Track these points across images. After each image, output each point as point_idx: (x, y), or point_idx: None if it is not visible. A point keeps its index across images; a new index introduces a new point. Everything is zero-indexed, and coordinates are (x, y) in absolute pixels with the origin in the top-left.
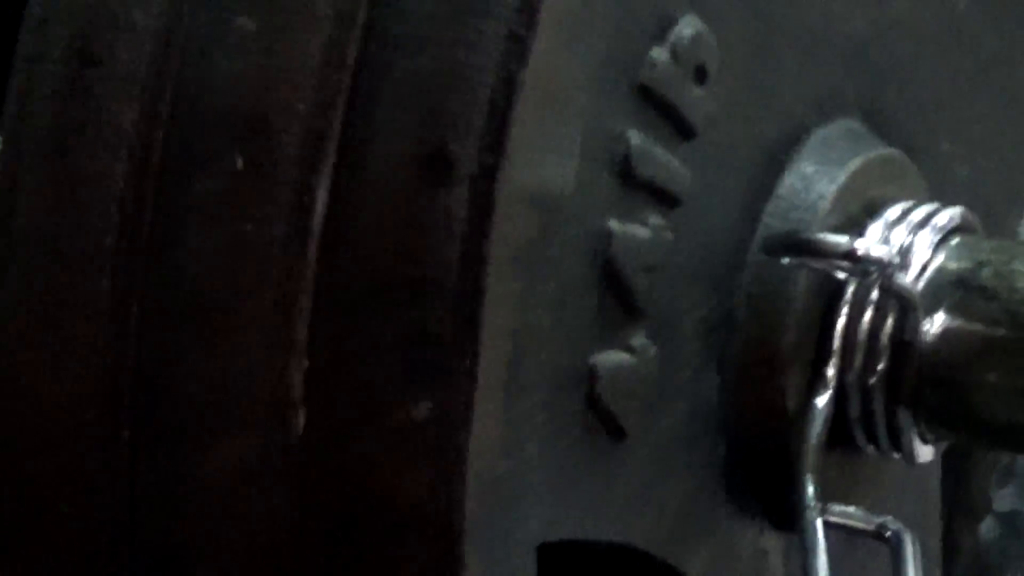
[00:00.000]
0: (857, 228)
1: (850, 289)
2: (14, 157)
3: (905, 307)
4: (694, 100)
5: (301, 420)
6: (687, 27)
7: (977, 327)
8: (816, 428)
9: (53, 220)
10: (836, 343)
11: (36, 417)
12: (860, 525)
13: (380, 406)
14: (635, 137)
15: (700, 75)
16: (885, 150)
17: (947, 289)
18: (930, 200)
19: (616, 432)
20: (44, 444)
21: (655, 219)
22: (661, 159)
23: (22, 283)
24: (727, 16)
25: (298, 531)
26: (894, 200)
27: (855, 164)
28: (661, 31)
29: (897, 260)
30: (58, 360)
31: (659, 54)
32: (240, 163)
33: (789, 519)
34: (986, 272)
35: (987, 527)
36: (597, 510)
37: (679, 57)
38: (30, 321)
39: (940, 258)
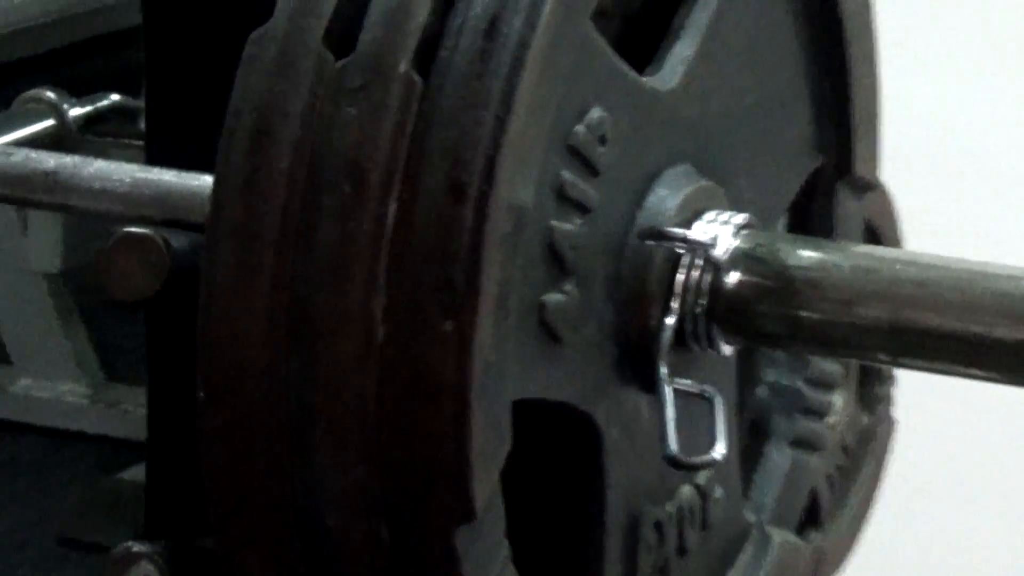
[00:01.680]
0: (689, 225)
1: (685, 259)
2: (220, 187)
3: (716, 268)
4: (599, 155)
5: (381, 333)
6: (595, 113)
7: (757, 279)
8: (667, 336)
9: (242, 221)
10: (678, 288)
11: (232, 328)
12: (692, 390)
13: (425, 324)
14: (566, 174)
15: (603, 140)
16: (705, 182)
17: (739, 258)
18: (730, 210)
19: (555, 339)
20: (237, 343)
21: (578, 220)
22: (581, 186)
23: (225, 255)
24: (618, 109)
25: (379, 399)
26: (710, 210)
27: (689, 190)
28: (581, 115)
29: (711, 242)
30: (244, 297)
31: (580, 128)
32: (348, 188)
33: (653, 387)
34: (761, 249)
35: (760, 391)
36: (546, 382)
37: (591, 130)
38: (229, 275)
39: (736, 241)
